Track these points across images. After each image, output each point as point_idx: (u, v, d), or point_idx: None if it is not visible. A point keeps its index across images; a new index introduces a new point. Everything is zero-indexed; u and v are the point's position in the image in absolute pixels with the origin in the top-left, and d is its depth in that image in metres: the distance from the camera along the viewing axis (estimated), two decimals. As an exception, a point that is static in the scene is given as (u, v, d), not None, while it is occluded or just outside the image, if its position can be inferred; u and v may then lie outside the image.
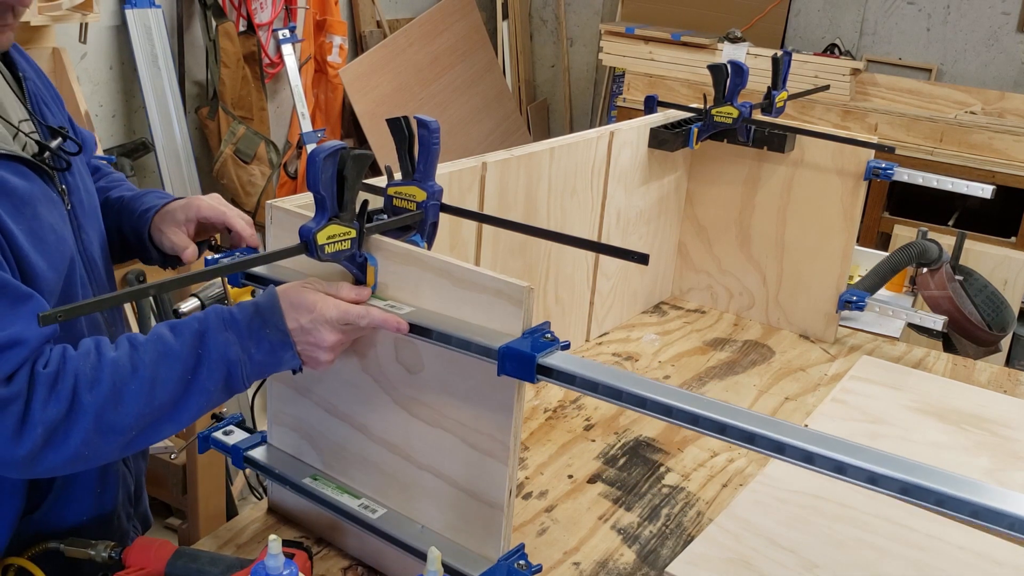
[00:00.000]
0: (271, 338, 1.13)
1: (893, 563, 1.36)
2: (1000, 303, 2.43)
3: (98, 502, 1.33)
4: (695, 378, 1.95)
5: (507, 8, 5.39)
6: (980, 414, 1.83)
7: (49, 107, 1.33)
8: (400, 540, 1.19)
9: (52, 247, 1.17)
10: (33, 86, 1.30)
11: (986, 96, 4.33)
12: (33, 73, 1.34)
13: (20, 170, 1.15)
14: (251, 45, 3.69)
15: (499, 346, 1.03)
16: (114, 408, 1.06)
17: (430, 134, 1.21)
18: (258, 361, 1.14)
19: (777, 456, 0.91)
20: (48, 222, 1.17)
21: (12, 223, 1.10)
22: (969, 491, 0.83)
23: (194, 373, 1.11)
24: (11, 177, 1.13)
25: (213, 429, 1.38)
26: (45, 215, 1.17)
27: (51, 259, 1.16)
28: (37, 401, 1.02)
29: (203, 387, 1.12)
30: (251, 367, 1.14)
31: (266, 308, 1.14)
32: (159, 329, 1.13)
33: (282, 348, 1.14)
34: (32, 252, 1.12)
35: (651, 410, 0.98)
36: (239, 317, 1.14)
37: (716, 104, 2.07)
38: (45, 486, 1.25)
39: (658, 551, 1.39)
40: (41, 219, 1.16)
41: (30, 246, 1.12)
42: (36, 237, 1.14)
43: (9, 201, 1.12)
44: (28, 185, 1.15)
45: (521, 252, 1.75)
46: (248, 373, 1.14)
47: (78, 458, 1.06)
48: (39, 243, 1.14)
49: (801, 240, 2.14)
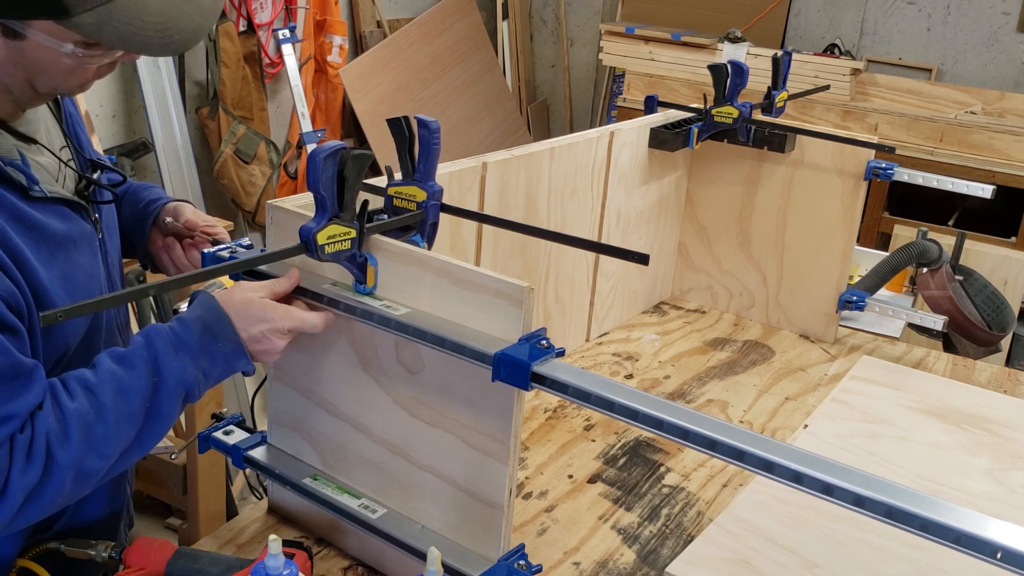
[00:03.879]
0: (224, 350, 1.15)
1: (893, 563, 1.36)
2: (1000, 303, 2.43)
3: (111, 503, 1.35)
4: (695, 378, 1.95)
5: (507, 8, 5.39)
6: (980, 414, 1.83)
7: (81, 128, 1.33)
8: (400, 540, 1.19)
9: (81, 287, 1.19)
10: (68, 106, 1.30)
11: (986, 96, 4.33)
12: None
13: (61, 211, 1.17)
14: (251, 45, 3.69)
15: (494, 352, 1.03)
16: (87, 456, 1.07)
17: (430, 134, 1.21)
18: (215, 376, 1.16)
19: (766, 475, 0.92)
20: (80, 263, 1.19)
21: (44, 270, 1.12)
22: (953, 518, 0.83)
23: (153, 402, 1.12)
24: (52, 221, 1.15)
25: (213, 429, 1.38)
26: (78, 256, 1.19)
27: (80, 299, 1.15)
28: (16, 470, 1.03)
29: (163, 412, 1.13)
30: (207, 383, 1.16)
31: (213, 321, 1.15)
32: (107, 364, 1.12)
33: (236, 358, 1.16)
34: (61, 297, 1.14)
35: (642, 423, 0.97)
36: (187, 338, 1.14)
37: (716, 104, 2.07)
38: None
39: (658, 551, 1.39)
40: (74, 261, 1.18)
41: (61, 290, 1.14)
42: (67, 279, 1.16)
43: (47, 247, 1.14)
44: (66, 227, 1.17)
45: (521, 252, 1.75)
46: (205, 387, 1.16)
47: (54, 507, 1.07)
48: (69, 285, 1.16)
49: (801, 240, 2.14)
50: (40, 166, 1.18)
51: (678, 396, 1.87)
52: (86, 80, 1.14)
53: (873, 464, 1.63)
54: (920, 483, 1.58)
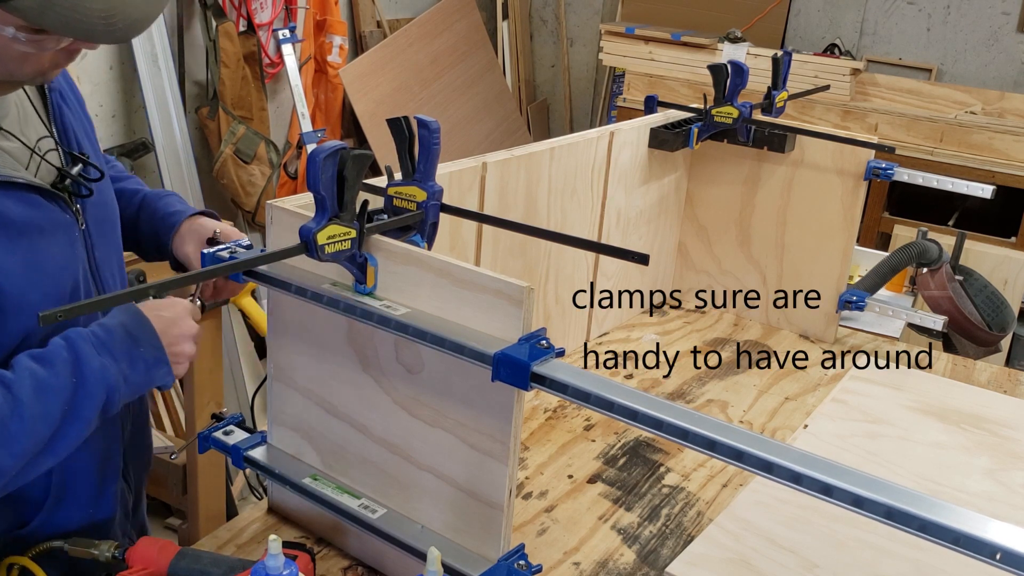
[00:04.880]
0: (146, 356, 1.16)
1: (893, 563, 1.36)
2: (1000, 303, 2.43)
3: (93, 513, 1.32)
4: (695, 378, 1.95)
5: (507, 8, 5.39)
6: (980, 414, 1.83)
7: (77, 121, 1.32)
8: (400, 540, 1.19)
9: (50, 276, 1.17)
10: (58, 98, 1.29)
11: (986, 96, 4.32)
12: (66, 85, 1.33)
13: (27, 198, 1.15)
14: (251, 45, 3.68)
15: (494, 352, 1.03)
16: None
17: (430, 134, 1.21)
18: (134, 383, 1.16)
19: (765, 475, 0.92)
20: (50, 251, 1.18)
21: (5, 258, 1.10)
22: (953, 519, 0.83)
23: (72, 403, 1.10)
24: (13, 206, 1.13)
25: (213, 429, 1.38)
26: (48, 245, 1.17)
27: (48, 288, 1.16)
28: None
29: (82, 415, 1.11)
30: (127, 389, 1.15)
31: (135, 327, 1.16)
32: (25, 362, 1.10)
33: (156, 365, 1.17)
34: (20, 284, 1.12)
35: (641, 423, 0.97)
36: (108, 340, 1.14)
37: (716, 104, 2.07)
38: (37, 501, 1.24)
39: (658, 551, 1.40)
40: (41, 249, 1.16)
41: (22, 277, 1.13)
42: (32, 267, 1.14)
43: (5, 233, 1.12)
44: (31, 212, 1.15)
45: (521, 252, 1.75)
46: (123, 396, 1.16)
47: None
48: (34, 273, 1.15)
49: (801, 240, 2.14)
50: (2, 151, 1.16)
51: (678, 396, 1.87)
52: (42, 68, 1.11)
53: (873, 464, 1.63)
54: (920, 483, 1.58)
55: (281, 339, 1.30)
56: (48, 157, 1.22)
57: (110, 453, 1.33)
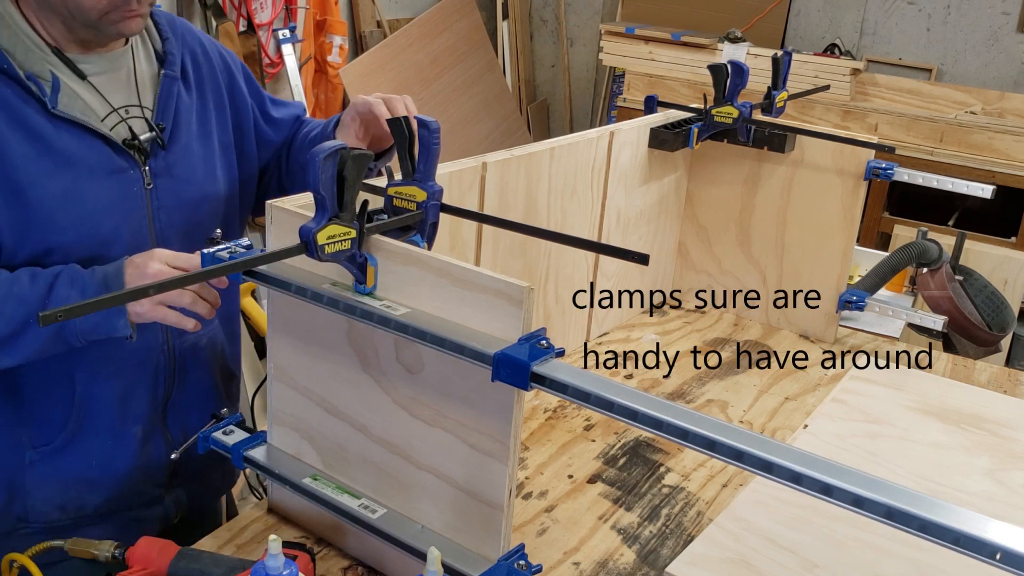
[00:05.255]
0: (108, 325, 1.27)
1: (893, 563, 1.36)
2: (1000, 303, 2.43)
3: (113, 449, 1.47)
4: (695, 378, 1.95)
5: (507, 8, 5.39)
6: (980, 414, 1.83)
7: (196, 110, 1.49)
8: (400, 540, 1.19)
9: (87, 210, 1.33)
10: (174, 84, 1.45)
11: (986, 96, 4.33)
12: (203, 60, 1.52)
13: (88, 140, 1.33)
14: (251, 45, 3.68)
15: (494, 352, 1.03)
16: None
17: (430, 134, 1.21)
18: (92, 320, 1.28)
19: (765, 475, 0.92)
20: (95, 190, 1.34)
21: (39, 178, 1.29)
22: (953, 519, 0.83)
23: (32, 316, 1.25)
24: (70, 141, 1.32)
25: (213, 429, 1.38)
26: (92, 183, 1.34)
27: (80, 218, 1.33)
28: None
29: (38, 332, 1.27)
30: (84, 324, 1.28)
31: (113, 274, 1.29)
32: (21, 272, 1.28)
33: (117, 314, 1.28)
34: (55, 208, 1.30)
35: (641, 423, 0.97)
36: (85, 279, 1.29)
37: (716, 104, 2.07)
38: (59, 422, 1.42)
39: (658, 551, 1.40)
40: (82, 184, 1.33)
41: (57, 201, 1.31)
42: (71, 198, 1.32)
43: (51, 160, 1.30)
44: (86, 152, 1.33)
45: (521, 252, 1.75)
46: (82, 330, 1.28)
47: None
48: (70, 202, 1.32)
49: (801, 240, 2.14)
50: (76, 95, 1.34)
51: (678, 396, 1.87)
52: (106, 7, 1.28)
53: (873, 464, 1.63)
54: (920, 483, 1.58)
55: (281, 339, 1.30)
56: (132, 120, 1.40)
57: (133, 395, 1.47)
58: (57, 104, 1.32)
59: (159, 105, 1.44)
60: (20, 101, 1.30)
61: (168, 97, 1.45)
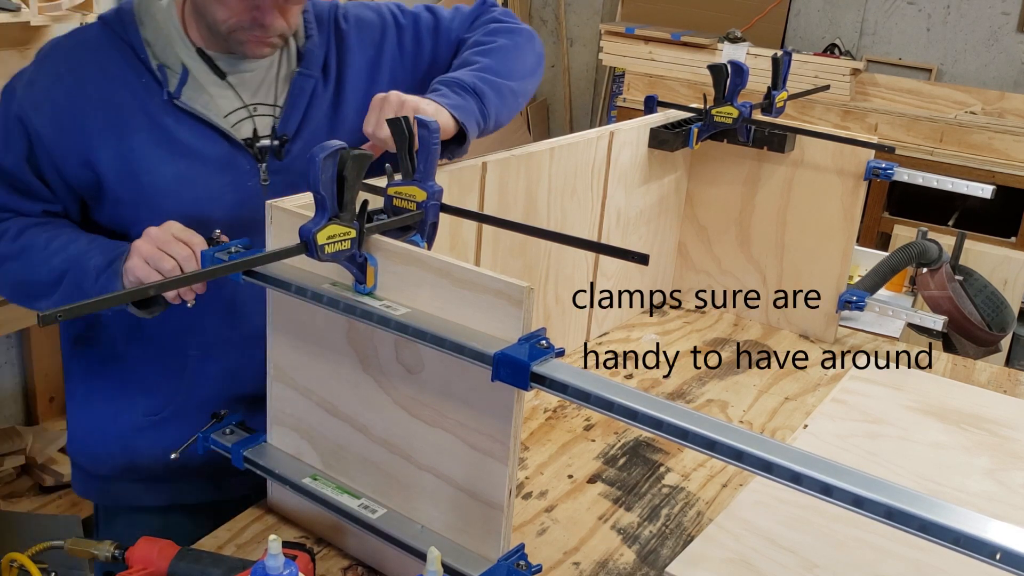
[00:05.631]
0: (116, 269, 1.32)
1: (893, 563, 1.36)
2: (1000, 303, 2.43)
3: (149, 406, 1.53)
4: (695, 378, 1.95)
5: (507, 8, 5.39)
6: (980, 414, 1.83)
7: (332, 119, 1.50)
8: (400, 540, 1.19)
9: (197, 196, 1.40)
10: (307, 86, 1.47)
11: (986, 96, 4.33)
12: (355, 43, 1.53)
13: (207, 133, 1.40)
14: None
15: (494, 352, 1.03)
16: None
17: (430, 134, 1.21)
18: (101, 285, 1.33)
19: (765, 475, 0.92)
20: (206, 180, 1.40)
21: (157, 164, 1.38)
22: (953, 519, 0.83)
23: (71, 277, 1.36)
24: (185, 131, 1.39)
25: (213, 429, 1.38)
26: (205, 173, 1.40)
27: (186, 202, 1.39)
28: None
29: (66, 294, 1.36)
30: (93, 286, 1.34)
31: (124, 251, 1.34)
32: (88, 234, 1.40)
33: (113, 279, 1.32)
34: (166, 190, 1.38)
35: (641, 423, 0.97)
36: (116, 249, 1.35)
37: (716, 104, 2.07)
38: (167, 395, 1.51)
39: (658, 551, 1.40)
40: (196, 172, 1.40)
41: (169, 185, 1.39)
42: (184, 181, 1.39)
43: (168, 147, 1.38)
44: (203, 144, 1.40)
45: (521, 252, 1.75)
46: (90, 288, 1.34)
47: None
48: (181, 187, 1.39)
49: (801, 240, 2.14)
50: (203, 89, 1.41)
51: (678, 396, 1.87)
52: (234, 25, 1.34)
53: (873, 464, 1.63)
54: (920, 483, 1.58)
55: (281, 339, 1.30)
56: (259, 118, 1.45)
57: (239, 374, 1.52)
58: (180, 96, 1.39)
59: (288, 104, 1.47)
60: (147, 90, 1.38)
61: (299, 96, 1.47)
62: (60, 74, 1.40)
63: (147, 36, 1.40)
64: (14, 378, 3.11)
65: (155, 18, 1.42)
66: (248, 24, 1.35)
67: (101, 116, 1.38)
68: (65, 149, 1.38)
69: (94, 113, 1.38)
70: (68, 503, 2.83)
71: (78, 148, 1.38)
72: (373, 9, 1.61)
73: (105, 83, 1.39)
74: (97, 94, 1.38)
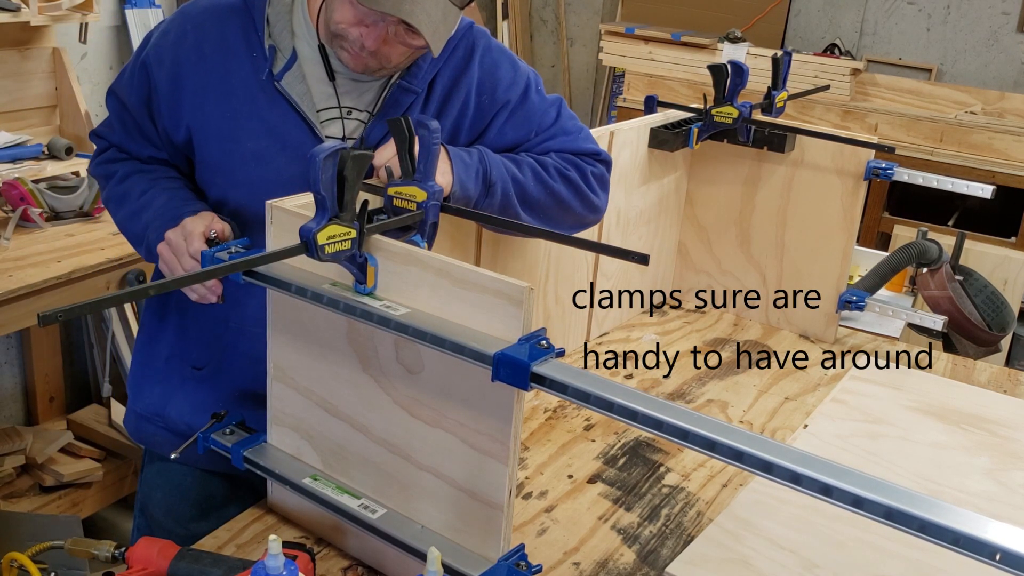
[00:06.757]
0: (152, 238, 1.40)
1: (893, 563, 1.36)
2: (1000, 303, 2.43)
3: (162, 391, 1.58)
4: (695, 378, 1.95)
5: (507, 8, 5.39)
6: (980, 414, 1.83)
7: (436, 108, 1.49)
8: (400, 540, 1.19)
9: (267, 172, 1.43)
10: (408, 84, 1.46)
11: (986, 96, 4.33)
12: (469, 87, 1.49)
13: (293, 118, 1.43)
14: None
15: (494, 352, 1.03)
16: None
17: (430, 134, 1.21)
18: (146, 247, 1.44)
19: (765, 475, 0.92)
20: (276, 159, 1.43)
21: (243, 136, 1.42)
22: (952, 519, 0.83)
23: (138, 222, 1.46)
24: (275, 111, 1.42)
25: (213, 429, 1.38)
26: (279, 154, 1.43)
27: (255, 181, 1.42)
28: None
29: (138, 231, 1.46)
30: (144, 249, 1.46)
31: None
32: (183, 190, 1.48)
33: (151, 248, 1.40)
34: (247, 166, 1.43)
35: (641, 423, 0.97)
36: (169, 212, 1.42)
37: (716, 104, 2.07)
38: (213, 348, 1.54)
39: (658, 551, 1.40)
40: (271, 153, 1.43)
41: (243, 161, 1.43)
42: (258, 159, 1.43)
43: (259, 123, 1.42)
44: (286, 126, 1.43)
45: (521, 252, 1.75)
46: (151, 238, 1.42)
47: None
48: (256, 163, 1.43)
49: (801, 240, 2.14)
50: (305, 81, 1.43)
51: (678, 396, 1.87)
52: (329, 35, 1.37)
53: (873, 464, 1.63)
54: (920, 483, 1.58)
55: (281, 339, 1.30)
56: (350, 121, 1.47)
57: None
58: (281, 79, 1.42)
59: (380, 112, 1.46)
60: (254, 65, 1.42)
61: (392, 106, 1.46)
62: (186, 31, 1.45)
63: (270, 14, 1.44)
64: (14, 378, 3.11)
65: (289, 4, 1.45)
66: (354, 36, 1.35)
67: (208, 80, 1.43)
68: (172, 105, 1.45)
69: (204, 76, 1.43)
70: (68, 503, 2.84)
71: (183, 106, 1.44)
72: (513, 68, 1.54)
73: (222, 50, 1.43)
74: (212, 58, 1.43)
